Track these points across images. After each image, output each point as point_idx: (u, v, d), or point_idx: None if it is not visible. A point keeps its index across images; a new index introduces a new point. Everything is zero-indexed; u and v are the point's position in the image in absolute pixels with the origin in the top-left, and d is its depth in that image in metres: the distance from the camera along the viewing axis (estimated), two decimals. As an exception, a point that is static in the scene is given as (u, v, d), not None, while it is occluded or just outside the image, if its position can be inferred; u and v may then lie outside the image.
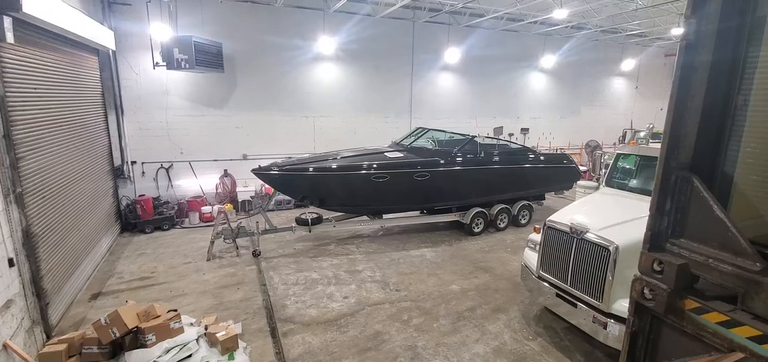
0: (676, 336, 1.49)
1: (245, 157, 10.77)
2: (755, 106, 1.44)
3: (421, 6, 11.43)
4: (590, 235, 4.43)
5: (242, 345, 4.70)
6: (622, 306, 4.09)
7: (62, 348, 4.19)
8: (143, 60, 9.29)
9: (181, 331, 4.50)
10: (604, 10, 11.81)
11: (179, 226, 9.46)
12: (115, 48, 8.55)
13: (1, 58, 4.58)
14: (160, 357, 4.18)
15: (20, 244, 4.67)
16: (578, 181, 9.24)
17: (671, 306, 1.44)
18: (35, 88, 5.40)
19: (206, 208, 9.83)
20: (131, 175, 9.65)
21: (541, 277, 5.04)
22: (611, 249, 4.19)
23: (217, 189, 10.50)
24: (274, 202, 10.57)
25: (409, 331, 5.15)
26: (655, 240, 1.54)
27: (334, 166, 7.82)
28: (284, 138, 11.20)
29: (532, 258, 5.33)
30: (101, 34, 7.64)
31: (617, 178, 5.90)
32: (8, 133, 4.61)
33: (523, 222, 9.53)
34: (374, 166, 7.83)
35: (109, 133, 8.78)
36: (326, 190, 7.83)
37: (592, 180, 10.44)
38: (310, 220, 7.94)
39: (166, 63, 8.86)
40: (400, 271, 7.00)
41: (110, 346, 4.25)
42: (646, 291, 1.54)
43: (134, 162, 9.70)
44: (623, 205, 5.09)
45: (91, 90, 7.82)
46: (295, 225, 8.04)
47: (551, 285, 4.89)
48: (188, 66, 8.77)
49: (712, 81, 1.43)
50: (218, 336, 4.51)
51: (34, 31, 5.33)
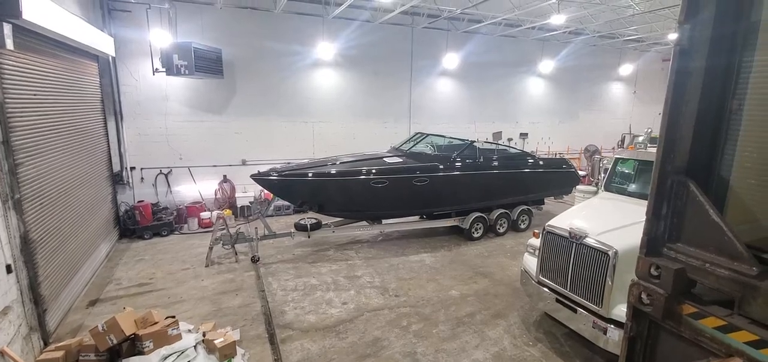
0: (674, 340, 1.49)
1: (244, 163, 10.78)
2: (750, 111, 1.44)
3: (419, 12, 11.49)
4: (589, 240, 4.43)
5: (240, 351, 4.67)
6: (621, 311, 4.07)
7: (59, 355, 4.16)
8: (143, 66, 9.32)
9: (178, 338, 4.47)
10: (601, 16, 11.88)
11: (178, 232, 9.44)
12: (114, 54, 8.57)
13: (0, 65, 4.59)
14: (157, 364, 4.15)
15: (18, 250, 4.66)
16: (577, 186, 9.25)
17: (669, 310, 1.44)
18: (35, 95, 5.41)
19: (205, 214, 9.81)
20: (130, 181, 9.65)
21: (540, 282, 5.03)
22: (610, 253, 4.19)
23: (216, 194, 10.49)
24: (273, 208, 10.56)
25: (408, 337, 5.13)
26: (651, 244, 1.54)
27: (333, 172, 7.82)
28: (283, 143, 11.21)
29: (531, 263, 5.32)
30: (101, 41, 7.67)
31: (616, 183, 5.90)
32: (7, 139, 4.61)
33: (522, 226, 9.52)
34: (373, 171, 7.83)
35: (108, 139, 8.79)
36: (325, 196, 7.82)
37: (591, 184, 10.44)
38: (309, 226, 7.93)
39: (165, 69, 8.89)
40: (399, 277, 6.98)
41: (107, 353, 4.22)
42: (643, 295, 1.53)
43: (133, 168, 9.69)
44: (622, 210, 5.09)
45: (90, 96, 7.84)
46: (294, 230, 8.03)
47: (551, 290, 4.87)
48: (188, 72, 8.80)
49: (706, 86, 1.44)
50: (216, 342, 4.48)
51: (33, 38, 5.35)
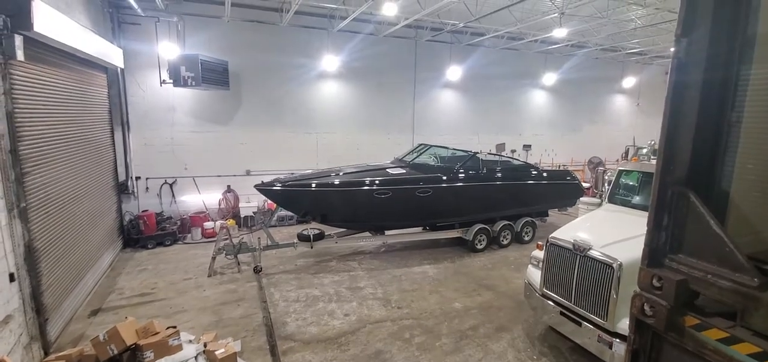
0: (677, 353, 1.47)
1: (248, 173, 10.84)
2: (749, 123, 1.45)
3: (423, 25, 11.61)
4: (594, 252, 4.40)
5: (241, 362, 4.65)
6: (627, 324, 4.02)
7: (61, 364, 4.17)
8: (151, 77, 9.46)
9: (179, 349, 4.47)
10: (603, 30, 11.95)
11: (181, 242, 9.47)
12: (123, 66, 8.71)
13: (10, 76, 4.67)
14: (158, 374, 4.14)
15: (22, 259, 4.68)
16: (581, 198, 9.21)
17: (671, 322, 1.43)
18: (43, 105, 5.50)
19: (209, 224, 9.85)
20: (135, 191, 9.72)
21: (544, 295, 4.99)
22: (615, 266, 4.15)
23: (220, 204, 10.53)
24: (276, 218, 10.58)
25: (410, 350, 5.08)
26: (653, 256, 1.53)
27: (336, 182, 7.85)
28: (287, 154, 11.28)
29: (535, 275, 5.28)
30: (111, 53, 7.80)
31: (620, 195, 5.88)
32: (15, 149, 4.67)
33: (526, 239, 9.46)
34: (376, 182, 7.85)
35: (114, 149, 8.88)
36: (328, 206, 7.84)
37: (594, 196, 10.40)
38: (312, 236, 7.94)
39: (173, 80, 9.02)
40: (401, 288, 6.94)
41: (108, 363, 4.22)
42: (646, 307, 1.52)
43: (139, 177, 9.78)
44: (626, 222, 5.06)
45: (98, 107, 7.95)
46: (297, 241, 8.03)
47: (555, 303, 4.83)
48: (194, 83, 8.92)
49: (704, 98, 1.45)
50: (217, 353, 4.46)
51: (44, 50, 5.45)
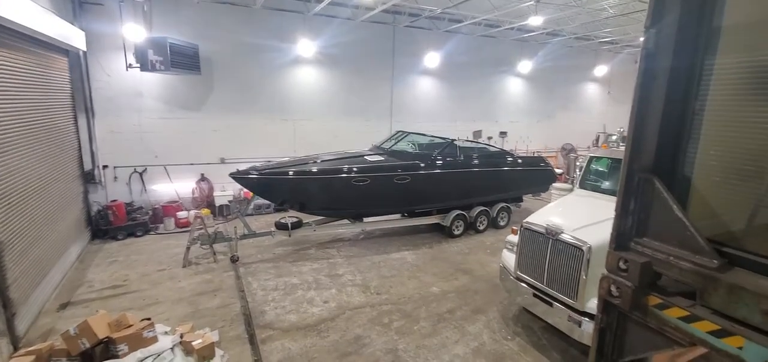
0: (641, 331, 1.56)
1: (223, 161, 10.57)
2: (711, 112, 1.52)
3: (401, 11, 11.51)
4: (565, 236, 4.56)
5: (219, 353, 4.60)
6: (595, 304, 4.21)
7: (29, 359, 4.00)
8: (116, 61, 9.01)
9: (155, 340, 4.37)
10: (577, 18, 12.19)
11: (153, 232, 9.19)
12: (86, 48, 8.25)
13: (-40, 58, 4.36)
14: (133, 367, 4.04)
15: (-18, 253, 4.45)
16: (553, 184, 9.49)
17: (636, 302, 1.51)
18: (0, 91, 5.16)
19: (182, 213, 9.59)
20: (102, 180, 9.32)
21: (518, 278, 5.14)
22: (585, 248, 4.32)
23: (193, 193, 10.26)
24: (252, 207, 10.42)
25: (389, 334, 5.16)
26: (620, 239, 1.61)
27: (314, 170, 7.77)
28: (263, 141, 11.04)
29: (509, 259, 5.43)
30: (71, 35, 7.38)
31: (590, 180, 6.09)
32: (-32, 137, 4.39)
33: (501, 223, 9.70)
34: (354, 170, 7.82)
35: (79, 136, 8.47)
36: (306, 194, 7.77)
37: (566, 182, 10.73)
38: (290, 224, 7.86)
39: (139, 64, 8.62)
40: (380, 275, 7.01)
41: (80, 358, 4.09)
42: (612, 288, 1.60)
43: (106, 166, 9.36)
44: (596, 206, 5.26)
45: (60, 91, 7.53)
46: (274, 229, 7.94)
47: (528, 285, 5.00)
48: (163, 68, 8.56)
49: (671, 87, 1.51)
50: (194, 344, 4.40)
51: (-2, 31, 5.10)
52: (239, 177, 7.61)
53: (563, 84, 16.94)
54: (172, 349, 4.36)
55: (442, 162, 8.60)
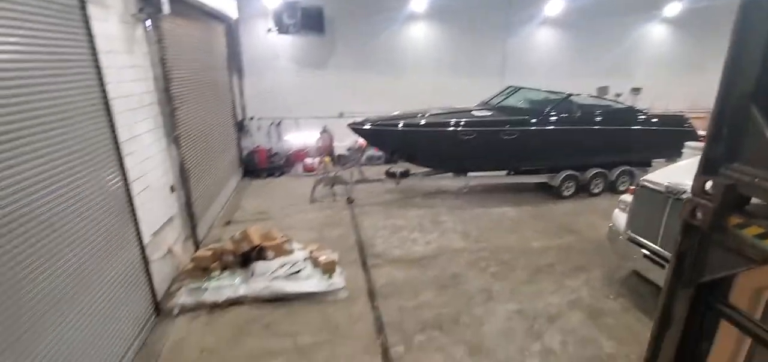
0: (720, 252, 1.62)
1: (341, 115, 11.71)
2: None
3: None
4: (688, 195, 4.16)
5: (338, 269, 5.53)
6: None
7: (209, 254, 5.42)
8: (259, 26, 10.58)
9: (292, 252, 5.50)
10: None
11: (287, 175, 10.90)
12: (237, 16, 9.89)
13: (161, 27, 5.81)
14: (277, 269, 5.20)
15: (178, 175, 6.05)
16: (687, 142, 8.17)
17: (716, 223, 1.58)
18: (183, 52, 6.71)
19: (308, 160, 11.10)
20: (249, 129, 11.29)
21: (630, 238, 4.88)
22: (712, 210, 3.91)
23: (317, 143, 11.70)
24: (366, 157, 11.42)
25: (485, 277, 5.47)
26: (708, 165, 1.65)
27: (422, 123, 8.19)
28: (377, 97, 11.80)
29: (621, 218, 5.15)
30: (228, 5, 8.94)
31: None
32: (168, 88, 5.89)
33: (621, 188, 8.83)
34: (461, 124, 8.00)
35: (232, 92, 10.36)
36: (414, 146, 8.27)
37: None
38: (398, 173, 8.54)
39: (277, 28, 10.00)
40: (481, 226, 7.24)
41: (241, 257, 5.40)
42: (697, 212, 1.69)
43: (252, 117, 11.29)
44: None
45: (220, 54, 9.29)
46: (384, 177, 8.72)
47: (639, 245, 4.72)
48: (294, 30, 9.79)
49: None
50: (321, 259, 5.38)
51: (181, 4, 6.56)
52: (355, 127, 8.47)
53: (724, 26, 13.79)
54: (304, 260, 5.43)
55: (556, 118, 8.17)
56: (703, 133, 10.39)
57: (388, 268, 5.75)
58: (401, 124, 8.16)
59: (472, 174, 8.94)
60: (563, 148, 8.38)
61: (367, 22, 11.29)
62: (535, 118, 8.14)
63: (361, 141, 10.18)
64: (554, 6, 12.05)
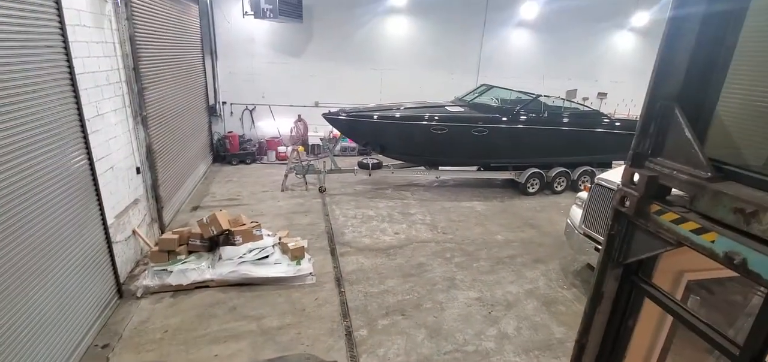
0: (642, 235, 1.82)
1: (317, 104, 11.68)
2: (742, 47, 1.64)
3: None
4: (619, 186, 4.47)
5: (307, 256, 5.59)
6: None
7: (175, 237, 5.34)
8: (234, 9, 10.37)
9: (261, 238, 5.51)
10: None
11: (259, 162, 10.78)
12: (211, -2, 9.67)
13: (131, 3, 5.64)
14: (244, 254, 5.20)
15: (144, 157, 5.92)
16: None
17: (640, 210, 1.78)
18: (153, 31, 6.53)
19: (282, 148, 11.02)
20: (222, 114, 11.07)
21: (585, 233, 5.18)
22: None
23: (291, 132, 11.61)
24: (339, 148, 11.44)
25: (449, 267, 5.68)
26: (636, 158, 1.84)
27: (396, 115, 8.31)
28: (353, 88, 11.85)
29: (577, 214, 5.45)
30: (202, -14, 8.72)
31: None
32: (136, 66, 5.74)
33: (581, 187, 9.31)
34: (435, 118, 8.18)
35: (205, 75, 10.12)
36: (387, 138, 8.39)
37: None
38: (370, 165, 8.64)
39: (253, 12, 9.83)
40: (449, 218, 7.46)
41: (209, 241, 5.36)
42: (625, 200, 1.88)
43: (224, 102, 11.07)
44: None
45: (192, 35, 9.05)
46: (357, 168, 8.80)
47: (593, 240, 5.03)
48: (272, 15, 9.65)
49: (704, 24, 1.66)
50: (290, 245, 5.42)
51: (153, -18, 6.38)
52: (330, 117, 8.50)
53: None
54: (272, 246, 5.46)
55: (524, 118, 8.48)
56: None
57: (356, 256, 5.86)
58: (376, 116, 8.26)
59: (443, 168, 9.16)
60: (531, 147, 8.72)
61: (346, 13, 11.27)
62: (505, 117, 8.42)
63: (335, 131, 10.20)
64: (529, 9, 12.41)
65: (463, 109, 8.69)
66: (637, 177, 1.81)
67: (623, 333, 2.15)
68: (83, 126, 4.09)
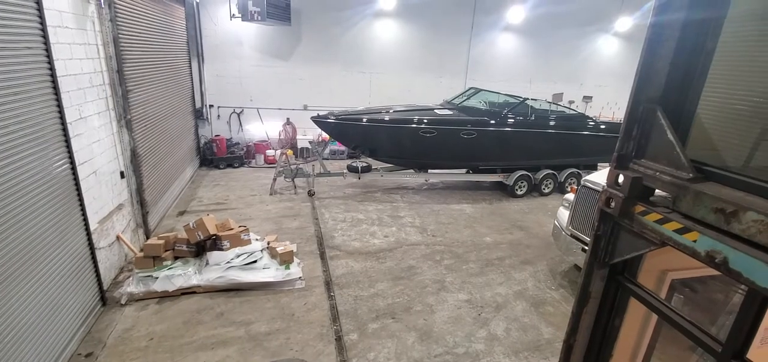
0: (627, 235, 1.86)
1: (306, 108, 11.62)
2: (722, 48, 1.70)
3: (484, -37, 11.17)
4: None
5: (296, 260, 5.54)
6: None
7: (161, 243, 5.24)
8: (222, 12, 10.27)
9: (249, 242, 5.44)
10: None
11: (247, 165, 10.67)
12: (199, 0, 9.55)
13: (115, 5, 5.55)
14: (232, 259, 5.13)
15: (129, 161, 5.81)
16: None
17: (625, 211, 1.81)
18: (138, 33, 6.43)
19: (270, 152, 10.92)
20: (209, 117, 10.94)
21: (572, 234, 5.26)
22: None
23: (280, 135, 11.53)
24: (328, 151, 11.41)
25: (439, 269, 5.69)
26: (621, 160, 1.88)
27: (385, 119, 8.33)
28: (342, 92, 11.85)
29: (564, 216, 5.53)
30: (188, -12, 8.62)
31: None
32: (121, 69, 5.63)
33: (568, 189, 9.44)
34: (424, 121, 8.21)
35: (192, 78, 9.99)
36: (377, 141, 8.40)
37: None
38: (360, 168, 8.63)
39: (241, 15, 9.75)
40: (438, 221, 7.49)
41: (195, 246, 5.28)
42: (610, 201, 1.91)
43: (211, 105, 10.94)
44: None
45: (178, 38, 8.93)
46: (346, 171, 8.78)
47: (580, 241, 5.10)
48: (260, 18, 9.59)
49: (685, 27, 1.71)
50: (278, 250, 5.37)
51: (138, -17, 6.29)
52: (319, 121, 8.47)
53: (668, 47, 15.04)
54: (261, 251, 5.40)
55: (512, 121, 8.58)
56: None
57: (345, 260, 5.83)
58: (365, 119, 8.26)
59: (432, 171, 9.20)
60: (517, 149, 8.83)
61: (335, 16, 11.26)
62: (493, 120, 8.51)
63: (323, 135, 10.17)
64: (516, 14, 12.58)
65: (451, 112, 8.75)
66: (621, 178, 1.85)
67: (610, 332, 2.18)
68: (65, 129, 4.00)
